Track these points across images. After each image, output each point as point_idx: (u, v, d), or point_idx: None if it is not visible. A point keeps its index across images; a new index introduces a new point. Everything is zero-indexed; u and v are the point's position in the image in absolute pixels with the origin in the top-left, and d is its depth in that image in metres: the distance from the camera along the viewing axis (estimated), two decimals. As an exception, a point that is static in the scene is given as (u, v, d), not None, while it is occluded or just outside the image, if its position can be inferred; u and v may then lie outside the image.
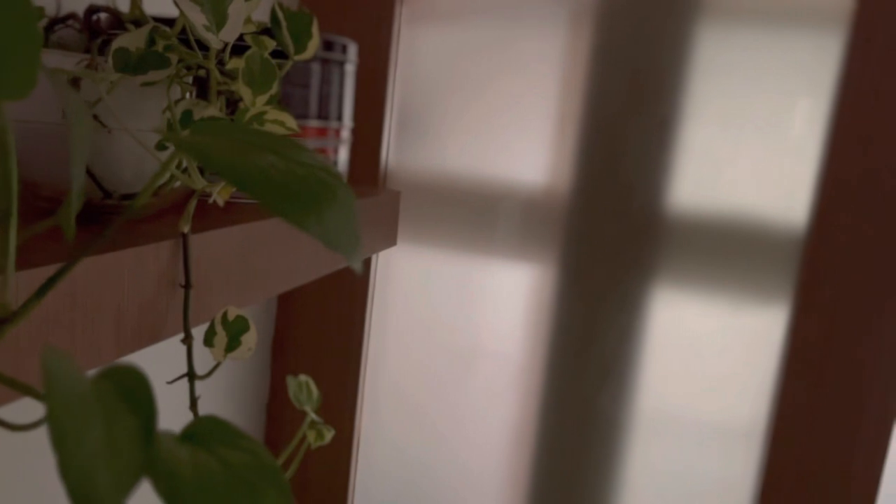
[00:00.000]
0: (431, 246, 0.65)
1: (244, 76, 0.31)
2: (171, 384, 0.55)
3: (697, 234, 0.59)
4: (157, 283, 0.31)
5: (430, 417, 0.67)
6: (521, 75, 0.61)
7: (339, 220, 0.18)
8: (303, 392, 0.35)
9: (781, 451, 0.58)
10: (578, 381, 0.63)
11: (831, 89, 0.55)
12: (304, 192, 0.18)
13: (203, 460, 0.20)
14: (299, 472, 0.68)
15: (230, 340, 0.31)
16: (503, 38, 0.61)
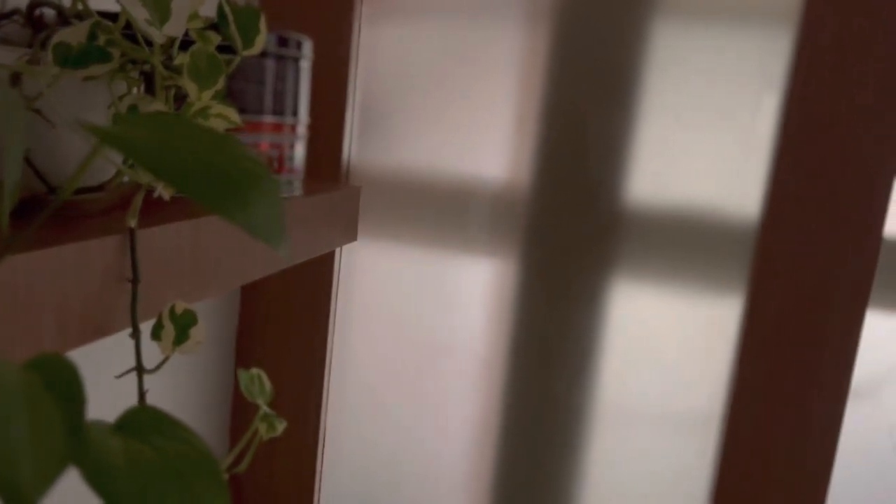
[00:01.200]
0: (395, 241, 0.65)
1: (190, 71, 0.31)
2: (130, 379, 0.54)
3: (655, 228, 0.60)
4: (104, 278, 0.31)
5: (395, 411, 0.67)
6: (481, 72, 0.62)
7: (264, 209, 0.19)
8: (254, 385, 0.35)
9: (737, 436, 0.59)
10: (540, 373, 0.64)
11: (782, 84, 0.56)
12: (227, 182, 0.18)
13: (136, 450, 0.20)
14: (266, 466, 0.68)
15: (178, 334, 0.32)
16: (463, 35, 0.61)
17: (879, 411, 0.59)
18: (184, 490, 0.20)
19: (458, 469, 0.67)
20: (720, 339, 0.60)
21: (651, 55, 0.58)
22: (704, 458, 0.61)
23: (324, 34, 0.61)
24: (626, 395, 0.63)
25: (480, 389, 0.65)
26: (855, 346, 0.56)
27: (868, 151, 0.54)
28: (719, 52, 0.57)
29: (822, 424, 0.57)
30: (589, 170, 0.60)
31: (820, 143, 0.55)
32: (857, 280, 0.55)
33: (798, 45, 0.54)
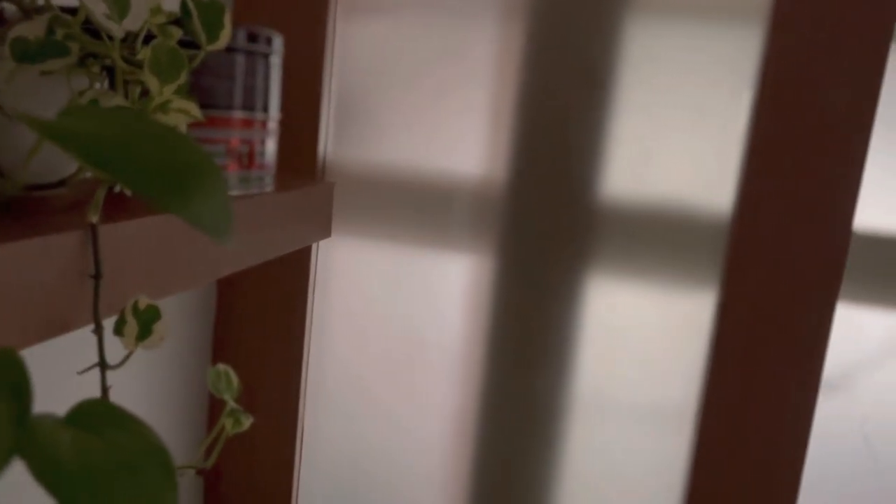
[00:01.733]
0: (372, 238, 0.65)
1: (151, 65, 0.31)
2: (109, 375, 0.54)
3: (630, 223, 0.60)
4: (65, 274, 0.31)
5: (373, 407, 0.67)
6: (457, 68, 0.62)
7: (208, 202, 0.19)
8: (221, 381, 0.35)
9: (711, 428, 0.59)
10: (518, 368, 0.64)
11: (754, 81, 0.56)
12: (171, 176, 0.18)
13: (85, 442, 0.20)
14: (244, 462, 0.68)
15: (141, 330, 0.32)
16: (439, 30, 0.62)
17: (850, 403, 0.59)
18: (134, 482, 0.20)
19: (436, 463, 0.67)
20: (694, 332, 0.60)
21: (625, 52, 0.59)
22: (680, 450, 0.62)
23: (298, 30, 0.61)
24: (603, 389, 0.63)
25: (458, 385, 0.66)
26: (826, 339, 0.57)
27: (837, 148, 0.55)
28: (692, 50, 0.57)
29: (795, 416, 0.58)
30: (565, 166, 0.61)
31: (791, 140, 0.55)
32: (828, 274, 0.56)
33: (768, 43, 0.55)
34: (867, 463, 0.60)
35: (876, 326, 0.58)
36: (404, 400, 0.67)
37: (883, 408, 0.59)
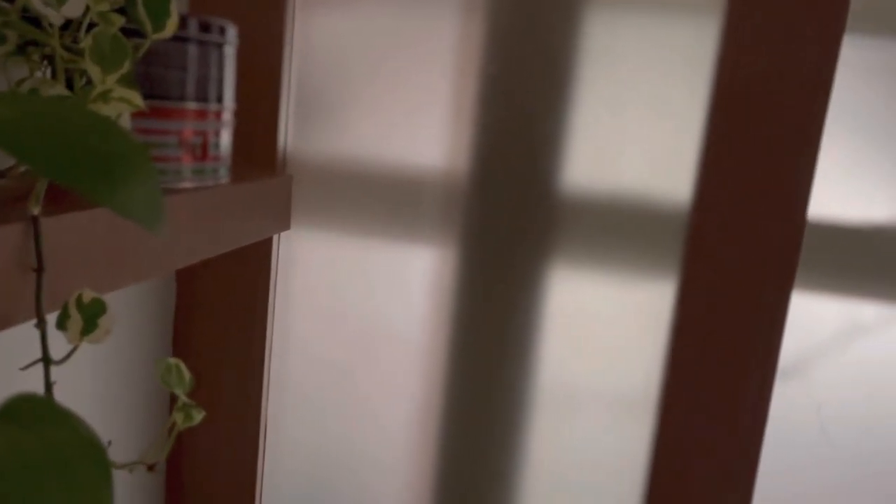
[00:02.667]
0: (335, 230, 0.65)
1: (92, 54, 0.31)
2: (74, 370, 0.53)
3: (590, 214, 0.61)
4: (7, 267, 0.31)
5: (337, 399, 0.67)
6: (418, 59, 0.61)
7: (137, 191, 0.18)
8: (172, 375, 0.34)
9: (671, 416, 0.60)
10: (481, 358, 0.64)
11: (710, 72, 0.57)
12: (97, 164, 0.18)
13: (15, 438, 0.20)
14: (206, 459, 0.67)
15: (86, 324, 0.31)
16: (399, 21, 0.61)
17: (807, 390, 0.61)
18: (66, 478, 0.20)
19: (401, 454, 0.67)
20: (655, 321, 0.61)
21: (584, 44, 0.59)
22: (642, 438, 0.62)
23: (256, 20, 0.60)
24: (566, 379, 0.63)
25: (422, 376, 0.66)
26: (782, 327, 0.58)
27: (792, 138, 0.56)
28: (650, 42, 0.58)
29: (752, 403, 0.59)
30: (527, 157, 0.61)
31: (747, 131, 0.56)
32: (783, 262, 0.57)
33: (724, 35, 0.56)
34: (823, 449, 0.61)
35: (830, 314, 0.59)
36: (368, 392, 0.67)
37: (838, 394, 0.60)
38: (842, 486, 0.61)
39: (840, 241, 0.58)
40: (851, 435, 0.61)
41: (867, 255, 0.58)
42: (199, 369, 0.65)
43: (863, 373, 0.60)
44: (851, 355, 0.60)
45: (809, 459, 0.61)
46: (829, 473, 0.61)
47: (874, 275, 0.58)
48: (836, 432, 0.61)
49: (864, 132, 0.57)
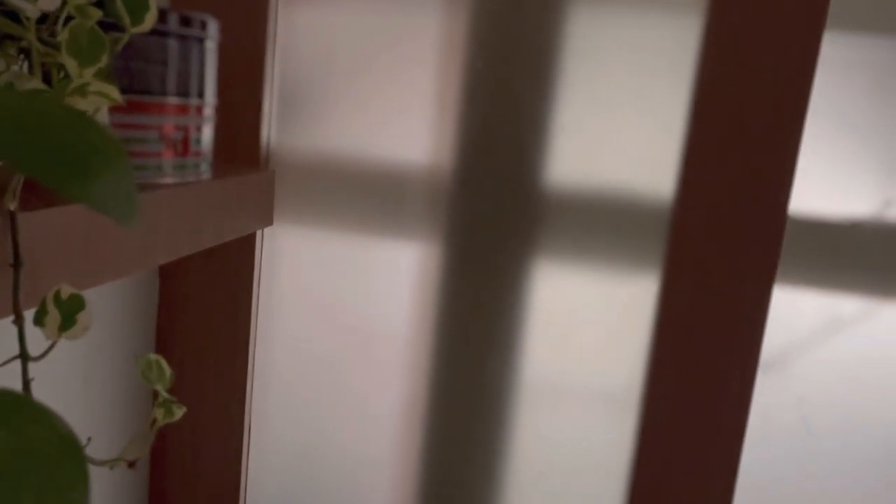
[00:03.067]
0: (319, 227, 0.64)
1: (69, 47, 0.30)
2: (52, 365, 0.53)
3: (574, 211, 0.61)
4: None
5: (322, 396, 0.67)
6: (401, 54, 0.61)
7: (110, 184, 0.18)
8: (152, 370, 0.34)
9: (654, 410, 0.61)
10: (465, 355, 0.64)
11: (693, 68, 0.57)
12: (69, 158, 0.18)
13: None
14: (191, 455, 0.67)
15: (64, 320, 0.31)
16: (383, 16, 0.61)
17: (788, 384, 0.61)
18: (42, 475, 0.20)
19: (386, 449, 0.67)
20: (638, 317, 0.61)
21: (568, 41, 0.59)
22: (626, 432, 0.63)
23: (239, 15, 0.59)
24: (550, 375, 0.64)
25: (407, 372, 0.66)
26: (763, 321, 0.58)
27: (773, 134, 0.56)
28: (633, 39, 0.58)
29: (734, 397, 0.59)
30: (510, 154, 0.61)
31: (729, 127, 0.56)
32: (765, 257, 0.57)
33: (706, 33, 0.56)
34: (805, 442, 0.62)
35: (811, 308, 0.60)
36: (354, 387, 0.67)
37: (819, 388, 0.61)
38: (823, 478, 0.62)
39: (821, 236, 0.59)
40: (832, 427, 0.61)
41: (848, 250, 0.59)
42: (183, 365, 0.65)
43: (843, 366, 0.60)
44: (832, 349, 0.60)
45: (791, 452, 0.62)
46: (810, 466, 0.62)
47: (854, 269, 0.59)
48: (817, 425, 0.61)
49: (844, 128, 0.58)
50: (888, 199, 0.58)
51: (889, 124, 0.57)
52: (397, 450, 0.67)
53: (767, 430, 0.62)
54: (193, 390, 0.65)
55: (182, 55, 0.44)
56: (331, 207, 0.64)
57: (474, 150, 0.61)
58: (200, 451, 0.66)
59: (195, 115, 0.45)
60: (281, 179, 0.63)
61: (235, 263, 0.63)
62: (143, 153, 0.43)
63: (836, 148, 0.58)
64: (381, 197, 0.63)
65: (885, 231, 0.58)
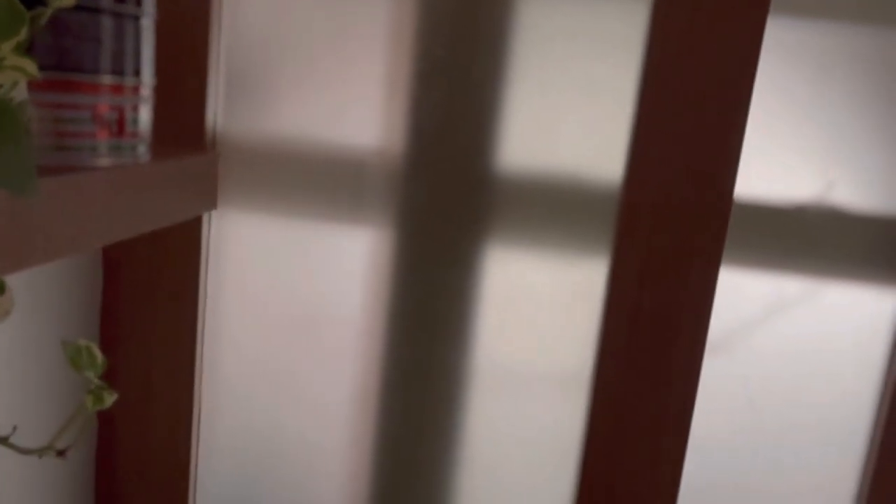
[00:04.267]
0: (268, 211, 0.63)
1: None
2: None
3: (525, 194, 0.61)
4: None
5: (273, 383, 0.66)
6: (351, 37, 0.60)
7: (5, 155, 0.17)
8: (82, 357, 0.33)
9: (604, 392, 0.61)
10: (418, 340, 0.64)
11: (641, 51, 0.58)
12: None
13: None
14: (138, 447, 0.66)
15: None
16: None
17: (734, 365, 0.62)
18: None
19: (339, 437, 0.67)
20: (588, 299, 0.62)
21: (517, 24, 0.59)
22: (576, 414, 0.63)
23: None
24: (502, 358, 0.64)
25: (359, 358, 0.65)
26: (710, 303, 0.59)
27: (719, 119, 0.57)
28: (582, 23, 0.58)
29: (682, 378, 0.60)
30: (461, 137, 0.61)
31: (676, 110, 0.57)
32: (711, 239, 0.58)
33: (652, 17, 0.56)
34: (751, 421, 0.63)
35: (756, 290, 0.61)
36: (305, 374, 0.66)
37: (764, 367, 0.62)
38: (769, 456, 0.63)
39: (766, 219, 0.60)
40: (777, 406, 0.63)
41: (792, 233, 0.60)
42: (128, 353, 0.64)
43: (788, 346, 0.62)
44: (777, 329, 0.62)
45: (738, 431, 0.63)
46: (756, 445, 0.63)
47: (798, 251, 0.60)
48: (763, 404, 0.63)
49: (788, 113, 0.59)
50: (830, 182, 0.59)
51: (831, 109, 0.58)
52: (350, 436, 0.67)
53: (715, 409, 0.63)
54: (140, 378, 0.64)
55: (116, 33, 0.43)
56: (281, 192, 0.63)
57: (425, 135, 0.61)
58: (148, 441, 0.65)
59: (131, 95, 0.44)
60: (229, 163, 0.62)
61: (181, 249, 0.61)
62: (76, 134, 0.42)
63: (781, 132, 0.59)
64: (332, 181, 0.63)
65: (827, 214, 0.59)
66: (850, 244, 0.60)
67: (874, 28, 0.57)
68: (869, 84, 0.58)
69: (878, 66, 0.57)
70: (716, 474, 0.64)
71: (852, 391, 0.62)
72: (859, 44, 0.57)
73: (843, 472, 0.63)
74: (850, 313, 0.61)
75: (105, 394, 0.33)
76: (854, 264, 0.60)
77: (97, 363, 0.34)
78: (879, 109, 0.58)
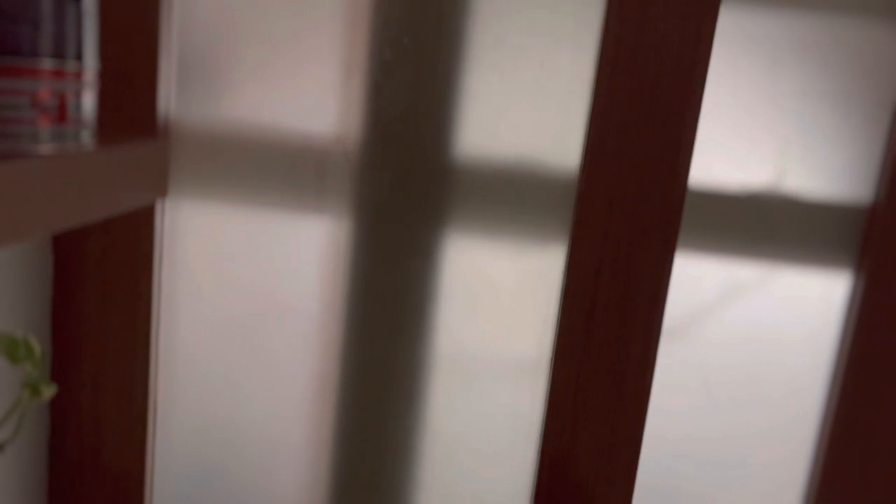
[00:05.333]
0: (224, 199, 0.62)
1: None
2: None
3: (484, 182, 0.61)
4: None
5: (230, 375, 0.65)
6: (305, 22, 0.59)
7: None
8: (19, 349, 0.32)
9: (563, 378, 0.62)
10: (377, 330, 0.64)
11: (597, 40, 0.58)
12: None
13: None
14: (93, 443, 0.64)
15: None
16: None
17: (689, 349, 0.63)
18: None
19: (297, 430, 0.66)
20: (546, 286, 0.62)
21: (474, 8, 0.58)
22: (536, 401, 0.64)
23: (130, -23, 0.56)
24: (461, 347, 0.64)
25: (317, 348, 0.65)
26: (666, 288, 0.60)
27: (674, 106, 0.57)
28: (539, 7, 0.58)
29: (638, 363, 0.61)
30: (418, 124, 0.60)
31: (630, 99, 0.57)
32: (666, 226, 0.59)
33: (607, 6, 0.56)
34: (707, 406, 0.64)
35: (712, 276, 0.62)
36: (263, 365, 0.65)
37: (720, 352, 0.63)
38: (725, 441, 0.64)
39: (720, 206, 0.61)
40: (733, 391, 0.64)
41: (745, 219, 0.61)
42: (82, 345, 0.62)
43: (743, 331, 0.63)
44: (732, 315, 0.62)
45: (694, 416, 0.64)
46: (712, 429, 0.64)
47: (752, 237, 0.61)
48: (717, 388, 0.64)
49: (741, 101, 0.59)
50: (783, 169, 0.60)
51: (784, 96, 0.59)
52: (309, 428, 0.66)
53: (671, 395, 0.64)
54: (94, 372, 0.63)
55: (56, 15, 0.41)
56: (237, 180, 0.62)
57: (383, 122, 0.60)
58: (103, 435, 0.64)
59: (73, 79, 0.43)
60: (184, 151, 0.61)
61: (134, 237, 0.60)
62: (15, 120, 0.41)
63: (734, 120, 0.60)
64: (290, 169, 0.62)
65: (780, 200, 0.60)
66: (803, 230, 0.61)
67: (826, 15, 0.58)
68: (820, 71, 0.58)
69: (829, 53, 0.58)
70: (672, 458, 0.65)
71: (804, 375, 0.63)
72: (811, 31, 0.58)
73: (796, 453, 0.64)
74: (802, 298, 0.62)
75: (43, 386, 0.32)
76: (806, 250, 0.61)
77: (35, 356, 0.33)
78: (831, 96, 0.59)
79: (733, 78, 0.59)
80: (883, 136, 0.59)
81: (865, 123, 0.59)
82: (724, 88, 0.59)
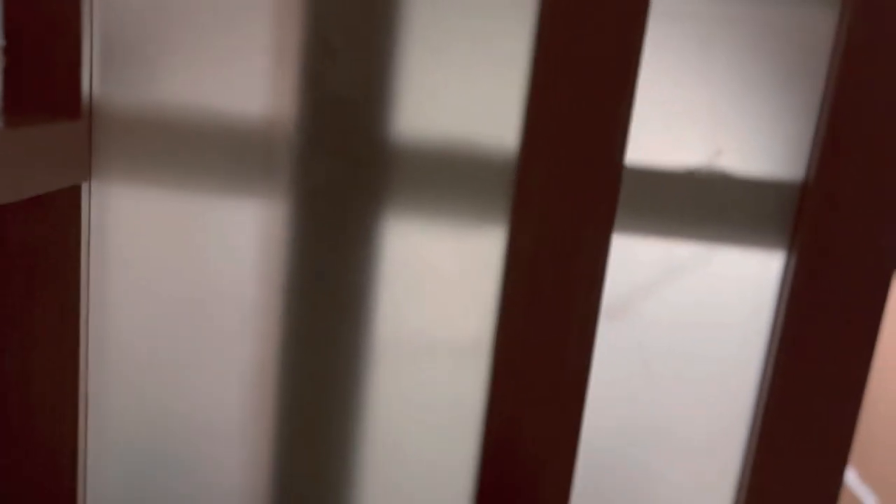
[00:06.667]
0: (155, 183, 0.61)
1: None
2: None
3: (421, 162, 0.60)
4: None
5: (166, 364, 0.64)
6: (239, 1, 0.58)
7: None
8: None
9: (505, 359, 0.62)
10: (316, 315, 0.63)
11: (533, 18, 0.57)
12: None
13: None
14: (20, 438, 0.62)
15: None
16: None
17: (628, 329, 0.64)
18: None
19: (237, 418, 0.65)
20: (486, 268, 0.62)
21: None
22: (478, 382, 0.64)
23: (46, -50, 0.54)
24: (403, 330, 0.63)
25: (255, 335, 0.64)
26: (603, 268, 0.60)
27: (609, 88, 0.57)
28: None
29: (578, 343, 0.61)
30: (353, 104, 0.59)
31: (567, 78, 0.57)
32: (603, 206, 0.59)
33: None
34: (646, 385, 0.65)
35: (649, 255, 0.62)
36: (198, 353, 0.64)
37: (658, 332, 0.64)
38: (664, 417, 0.65)
39: (656, 185, 0.61)
40: (672, 369, 0.64)
41: (682, 198, 0.61)
42: (8, 336, 0.60)
43: (681, 311, 0.63)
44: (670, 294, 0.63)
45: (634, 394, 0.65)
46: (652, 406, 0.65)
47: (689, 216, 0.61)
48: (657, 367, 0.64)
49: (676, 79, 0.60)
50: (719, 148, 0.61)
51: (719, 74, 0.59)
52: (248, 416, 0.65)
53: (610, 374, 0.64)
54: (21, 363, 0.61)
55: (-45, -12, 0.39)
56: (168, 163, 0.60)
57: (316, 102, 0.59)
58: (32, 431, 0.62)
59: (-24, 56, 0.41)
60: (110, 133, 0.59)
61: (59, 223, 0.58)
62: (-87, 99, 0.38)
63: (669, 99, 0.60)
64: (223, 152, 0.60)
65: (716, 179, 0.61)
66: (739, 209, 0.61)
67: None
68: (754, 49, 0.59)
69: (763, 32, 0.59)
70: (612, 435, 0.66)
71: (740, 352, 0.64)
72: (745, 9, 0.58)
73: (734, 427, 0.65)
74: (739, 277, 0.63)
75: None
76: (743, 229, 0.62)
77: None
78: (765, 75, 0.59)
79: (668, 54, 0.59)
80: (814, 114, 0.60)
81: (799, 102, 0.60)
82: (658, 67, 0.59)
